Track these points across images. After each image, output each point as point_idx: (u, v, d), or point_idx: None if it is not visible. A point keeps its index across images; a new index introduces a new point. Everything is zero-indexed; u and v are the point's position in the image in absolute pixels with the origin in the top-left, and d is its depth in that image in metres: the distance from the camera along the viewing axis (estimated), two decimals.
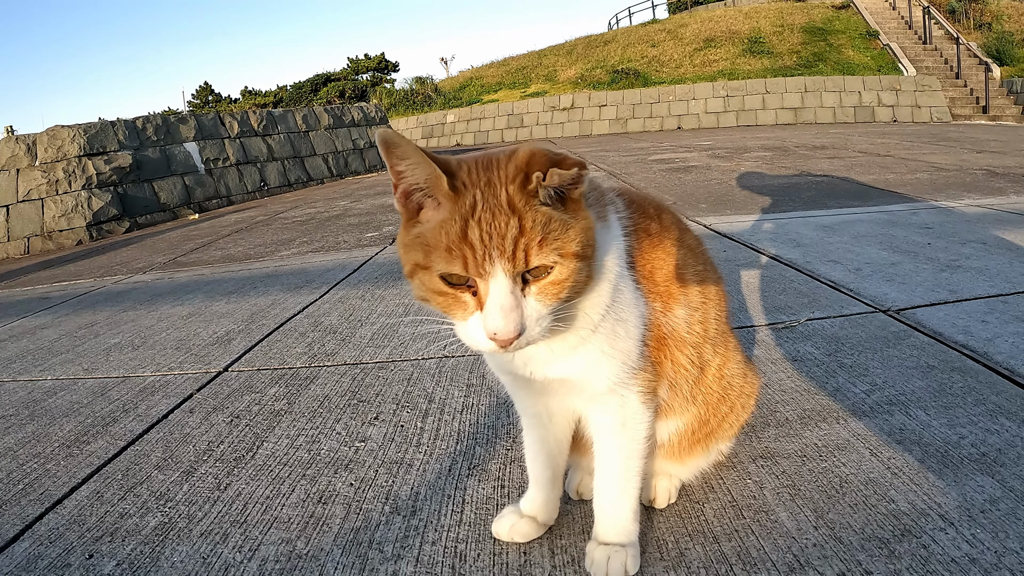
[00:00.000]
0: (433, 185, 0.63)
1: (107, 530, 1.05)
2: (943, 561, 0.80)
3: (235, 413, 1.47)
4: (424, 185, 0.64)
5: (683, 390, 0.84)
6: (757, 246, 2.63)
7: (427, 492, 1.05)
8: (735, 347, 0.91)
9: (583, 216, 0.66)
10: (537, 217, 0.62)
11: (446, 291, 0.64)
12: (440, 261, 0.62)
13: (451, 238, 0.61)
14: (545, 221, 0.62)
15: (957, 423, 1.13)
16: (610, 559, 0.79)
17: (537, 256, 0.62)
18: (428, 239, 0.63)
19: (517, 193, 0.62)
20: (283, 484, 1.13)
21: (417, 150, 0.62)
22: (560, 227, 0.63)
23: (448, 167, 0.64)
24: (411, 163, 0.63)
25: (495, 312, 0.62)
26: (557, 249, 0.62)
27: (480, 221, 0.61)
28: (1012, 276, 1.96)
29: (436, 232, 0.63)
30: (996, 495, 0.92)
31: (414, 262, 0.65)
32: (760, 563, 0.82)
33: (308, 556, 0.92)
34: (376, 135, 0.62)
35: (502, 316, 0.61)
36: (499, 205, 0.62)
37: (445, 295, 0.64)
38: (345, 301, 2.40)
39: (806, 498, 0.94)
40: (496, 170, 0.64)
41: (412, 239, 0.65)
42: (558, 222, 0.63)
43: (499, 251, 0.61)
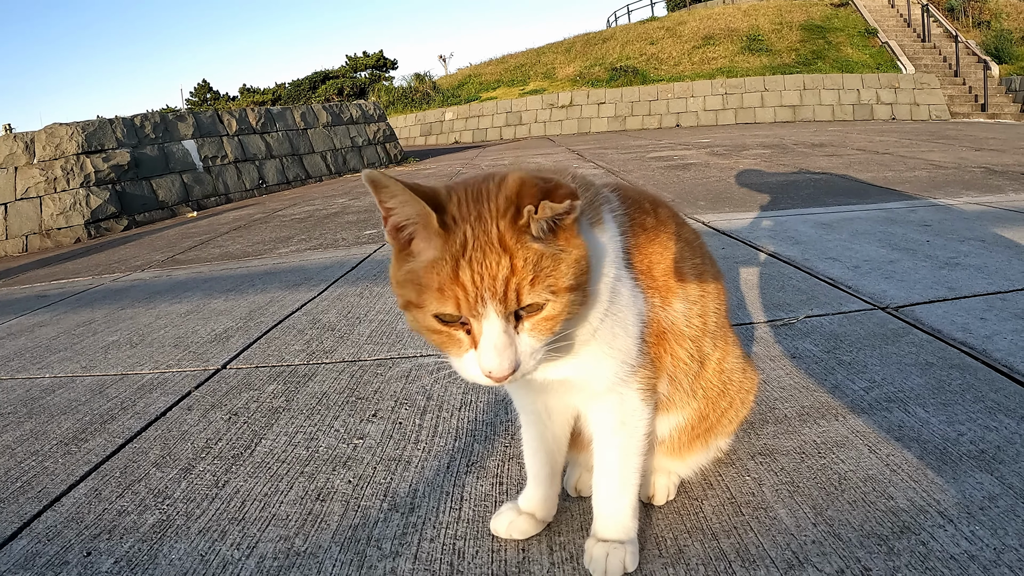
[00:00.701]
0: (422, 222, 0.63)
1: (105, 528, 1.04)
2: (942, 558, 0.80)
3: (233, 410, 1.47)
4: (414, 221, 0.64)
5: (683, 384, 0.83)
6: (756, 243, 2.63)
7: (425, 489, 1.05)
8: (734, 342, 0.91)
9: (575, 245, 0.65)
10: (528, 255, 0.62)
11: (440, 329, 0.64)
12: (433, 301, 0.62)
13: (442, 279, 0.61)
14: (536, 258, 0.62)
15: (956, 420, 1.13)
16: (609, 556, 0.79)
17: (529, 295, 0.62)
18: (420, 278, 0.63)
19: (508, 229, 0.62)
20: (281, 481, 1.12)
21: (404, 188, 0.61)
22: (552, 263, 0.63)
23: (437, 200, 0.63)
24: (400, 200, 0.63)
25: (489, 351, 0.62)
26: (550, 286, 0.62)
27: (471, 261, 0.61)
28: (1011, 273, 1.96)
29: (428, 271, 0.62)
30: (995, 492, 0.91)
31: (407, 299, 0.65)
32: (759, 560, 0.82)
33: (306, 553, 0.92)
34: (363, 176, 0.61)
35: (496, 355, 0.62)
36: (490, 243, 0.61)
37: (439, 333, 0.64)
38: (343, 298, 2.40)
39: (805, 495, 0.94)
40: (486, 202, 0.63)
41: (404, 276, 0.65)
42: (550, 258, 0.63)
43: (491, 292, 0.61)
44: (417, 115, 17.42)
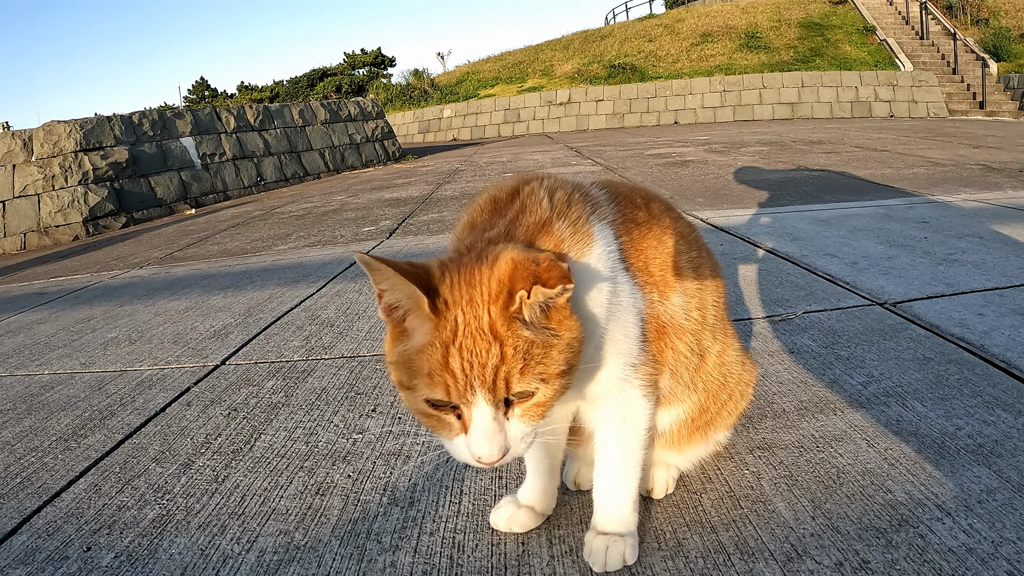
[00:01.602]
0: (414, 305, 0.63)
1: (105, 523, 1.05)
2: (940, 551, 0.80)
3: (233, 406, 1.47)
4: (405, 304, 0.64)
5: (683, 378, 0.84)
6: (754, 240, 2.63)
7: (425, 483, 1.05)
8: (733, 335, 0.91)
9: (567, 327, 0.64)
10: (519, 343, 0.61)
11: (431, 413, 0.64)
12: (423, 386, 0.63)
13: (432, 364, 0.61)
14: (527, 346, 0.62)
15: (954, 414, 1.13)
16: (608, 549, 0.79)
17: (519, 384, 0.62)
18: (411, 361, 0.63)
19: (499, 316, 0.61)
20: (281, 476, 1.13)
21: (395, 273, 0.61)
22: (543, 350, 0.62)
23: (430, 283, 0.63)
24: (391, 284, 0.63)
25: (479, 438, 0.63)
26: (540, 374, 0.62)
27: (461, 348, 0.61)
28: (1009, 270, 1.97)
29: (418, 355, 0.62)
30: (993, 485, 0.92)
31: (399, 379, 0.65)
32: (758, 553, 0.82)
33: (306, 547, 0.92)
34: (357, 260, 0.62)
35: (485, 442, 0.62)
36: (480, 329, 0.61)
37: (430, 416, 0.65)
38: (342, 295, 2.40)
39: (803, 488, 0.95)
40: (479, 285, 0.62)
41: (396, 356, 0.65)
42: (541, 345, 0.62)
43: (480, 380, 0.61)
44: (415, 112, 17.40)
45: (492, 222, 0.73)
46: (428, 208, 4.61)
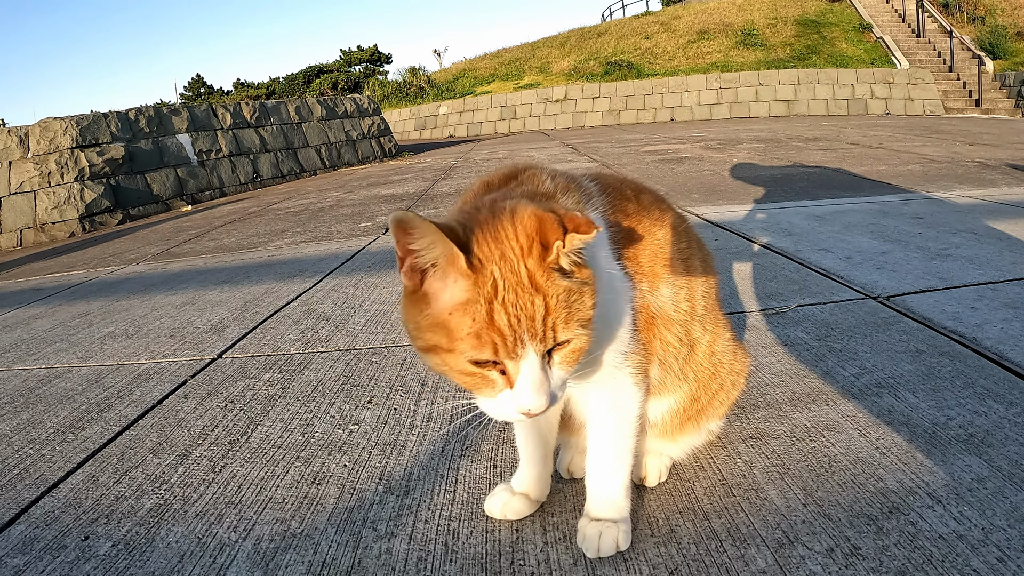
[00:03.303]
0: (447, 264, 0.61)
1: (103, 512, 1.05)
2: (931, 537, 0.81)
3: (229, 398, 1.48)
4: (440, 263, 0.62)
5: (673, 368, 0.85)
6: (749, 235, 2.64)
7: (420, 472, 1.06)
8: (725, 325, 0.92)
9: (588, 274, 0.65)
10: (559, 293, 0.62)
11: (473, 372, 0.63)
12: (468, 347, 0.61)
13: (479, 324, 0.60)
14: (567, 295, 0.62)
15: (945, 405, 1.14)
16: (602, 535, 0.80)
17: (563, 332, 0.62)
18: (449, 322, 0.61)
19: (537, 268, 0.61)
20: (277, 466, 1.13)
21: (436, 230, 0.59)
22: (579, 297, 0.63)
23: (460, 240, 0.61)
24: (428, 242, 0.61)
25: (528, 391, 0.62)
26: (579, 321, 0.63)
27: (505, 304, 0.60)
28: (1002, 264, 1.98)
29: (458, 315, 0.61)
30: (983, 474, 0.93)
31: (432, 343, 0.63)
32: (750, 539, 0.83)
33: (302, 535, 0.92)
34: (392, 219, 0.59)
35: (535, 393, 0.62)
36: (521, 284, 0.61)
37: (472, 375, 0.63)
38: (338, 289, 2.40)
39: (795, 477, 0.96)
40: (507, 240, 0.62)
41: (429, 321, 0.62)
42: (576, 292, 0.63)
43: (530, 334, 0.61)
44: (411, 109, 17.37)
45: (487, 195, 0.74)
46: (424, 204, 4.61)
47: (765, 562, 0.79)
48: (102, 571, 0.90)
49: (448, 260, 0.61)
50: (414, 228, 0.60)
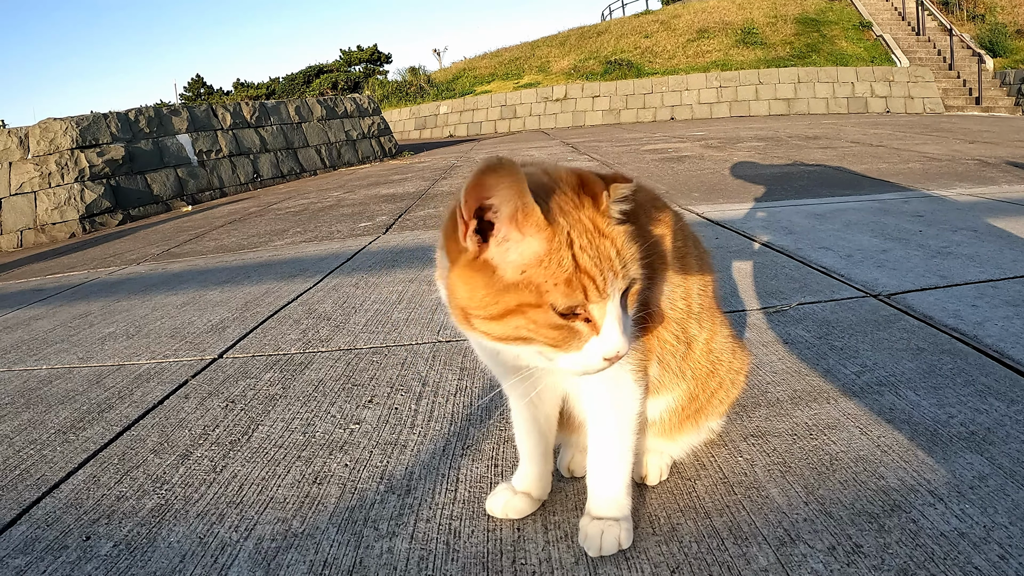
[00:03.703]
0: (525, 216, 0.61)
1: (104, 513, 1.05)
2: (932, 535, 0.81)
3: (230, 398, 1.48)
4: (516, 215, 0.61)
5: (671, 366, 0.85)
6: (749, 233, 2.64)
7: (421, 471, 1.06)
8: (723, 322, 0.92)
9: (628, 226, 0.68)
10: (619, 235, 0.65)
11: (561, 325, 0.62)
12: (559, 295, 0.61)
13: (567, 270, 0.61)
14: (624, 238, 0.66)
15: (946, 403, 1.14)
16: (604, 533, 0.80)
17: (633, 270, 0.65)
18: (535, 278, 0.61)
19: (596, 216, 0.64)
20: (279, 466, 1.13)
21: (523, 178, 0.59)
22: (632, 242, 0.67)
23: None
24: (513, 193, 0.60)
25: (614, 333, 0.63)
26: (638, 262, 0.67)
27: (584, 248, 0.62)
28: (1002, 262, 1.98)
29: (544, 268, 0.61)
30: (985, 472, 0.93)
31: (516, 304, 0.62)
32: (751, 537, 0.83)
33: (304, 534, 0.92)
34: (485, 162, 0.58)
35: (621, 334, 0.64)
36: (588, 230, 0.63)
37: (560, 329, 0.63)
38: (339, 289, 2.40)
39: (796, 475, 0.95)
40: (559, 196, 0.64)
41: (504, 283, 0.62)
42: (628, 235, 0.66)
43: (613, 274, 0.63)
44: (412, 109, 17.36)
45: None
46: (424, 203, 4.61)
47: (767, 560, 0.79)
48: (103, 571, 0.90)
49: (526, 213, 0.61)
50: (505, 175, 0.59)
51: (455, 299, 0.65)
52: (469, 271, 0.63)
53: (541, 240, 0.61)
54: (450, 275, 0.65)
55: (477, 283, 0.63)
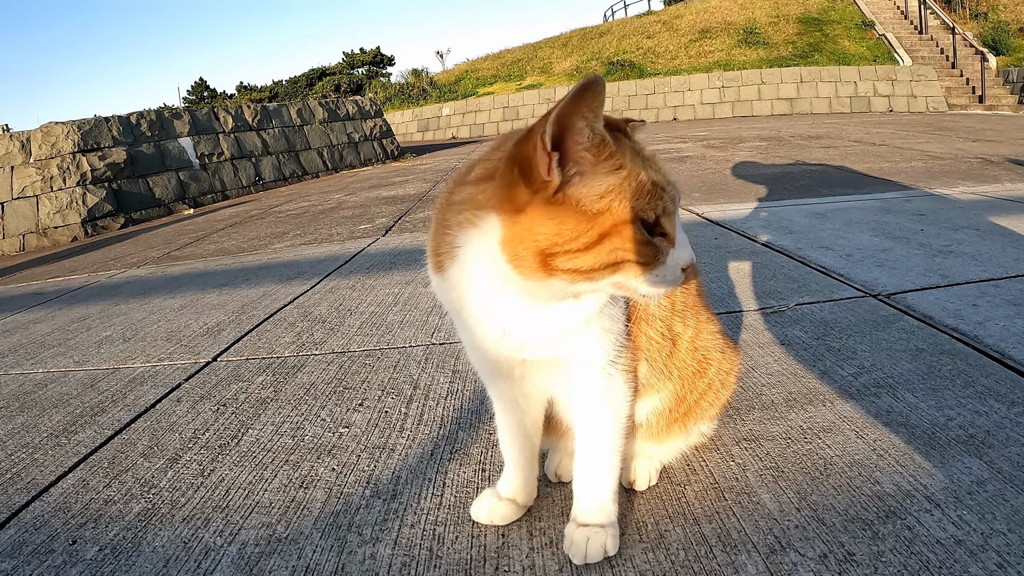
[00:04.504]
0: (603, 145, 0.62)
1: (91, 517, 1.05)
2: (928, 543, 0.79)
3: (222, 401, 1.47)
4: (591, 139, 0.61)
5: (657, 364, 0.83)
6: (748, 233, 2.62)
7: (408, 476, 1.05)
8: (709, 319, 0.90)
9: None
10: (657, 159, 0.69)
11: (649, 240, 0.63)
12: (648, 207, 0.63)
13: (644, 185, 0.63)
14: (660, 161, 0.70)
15: (945, 405, 1.12)
16: (589, 540, 0.78)
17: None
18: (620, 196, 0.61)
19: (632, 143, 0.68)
20: (266, 470, 1.12)
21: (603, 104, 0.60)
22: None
23: None
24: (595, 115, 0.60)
25: (687, 243, 0.67)
26: None
27: (646, 167, 0.64)
28: (1004, 261, 1.95)
29: (626, 185, 0.62)
30: (984, 477, 0.91)
31: (611, 223, 0.61)
32: (740, 544, 0.81)
33: (287, 540, 0.91)
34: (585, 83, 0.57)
35: (689, 245, 0.67)
36: (635, 152, 0.66)
37: (648, 244, 0.63)
38: (336, 291, 2.39)
39: (789, 480, 0.94)
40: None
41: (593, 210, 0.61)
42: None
43: (671, 185, 0.66)
44: (414, 111, 17.38)
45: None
46: (425, 205, 4.60)
47: (756, 568, 0.77)
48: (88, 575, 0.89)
49: (604, 142, 0.62)
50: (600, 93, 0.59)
51: (534, 243, 0.62)
52: (552, 207, 0.61)
53: (617, 164, 0.62)
54: (520, 219, 0.62)
55: (564, 216, 0.61)
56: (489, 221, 0.65)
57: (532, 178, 0.61)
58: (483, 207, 0.65)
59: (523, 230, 0.62)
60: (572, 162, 0.61)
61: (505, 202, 0.63)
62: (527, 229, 0.62)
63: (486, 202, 0.65)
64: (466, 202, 0.67)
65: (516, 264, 0.63)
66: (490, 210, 0.64)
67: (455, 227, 0.68)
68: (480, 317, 0.71)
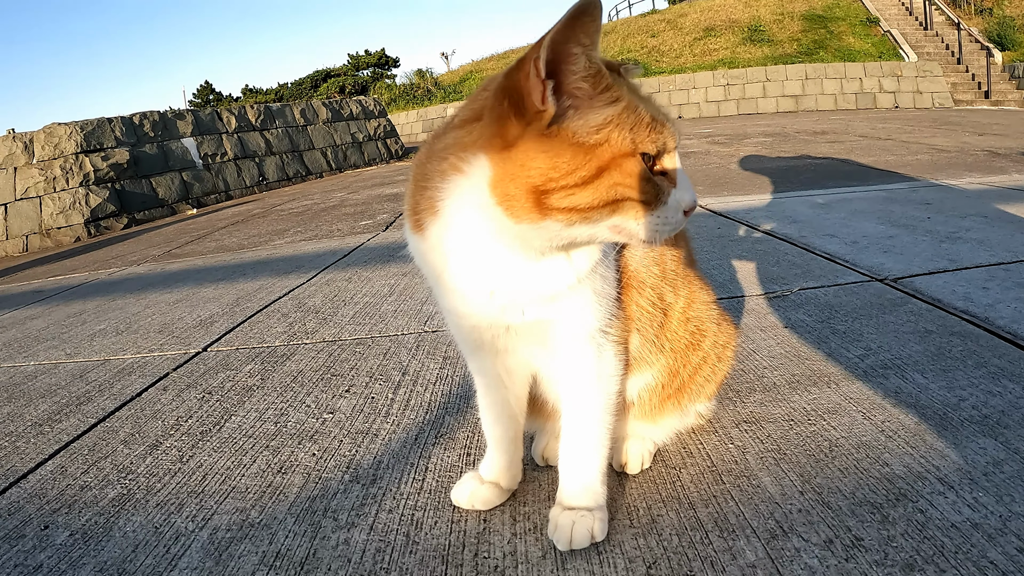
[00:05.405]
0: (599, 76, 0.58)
1: (66, 502, 1.02)
2: (942, 526, 0.73)
3: (208, 389, 1.43)
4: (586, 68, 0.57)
5: (648, 336, 0.78)
6: (751, 223, 2.56)
7: (390, 461, 1.00)
8: (701, 288, 0.85)
9: None
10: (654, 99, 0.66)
11: (650, 177, 0.59)
12: (648, 140, 0.59)
13: (644, 118, 0.59)
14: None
15: (957, 386, 1.07)
16: (575, 525, 0.73)
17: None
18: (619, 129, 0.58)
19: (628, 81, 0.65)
20: (245, 455, 1.08)
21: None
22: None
23: None
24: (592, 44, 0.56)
25: (687, 182, 0.62)
26: None
27: (642, 101, 0.61)
28: (1013, 246, 1.89)
29: (625, 118, 0.58)
30: (1000, 457, 0.85)
31: (610, 156, 0.57)
32: (739, 529, 0.76)
33: (260, 525, 0.87)
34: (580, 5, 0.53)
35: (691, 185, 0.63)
36: (632, 88, 0.62)
37: (649, 181, 0.59)
38: (332, 283, 2.36)
39: (792, 463, 0.88)
40: None
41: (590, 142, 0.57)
42: None
43: (670, 123, 0.62)
44: (419, 112, 17.39)
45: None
46: None
47: (755, 555, 0.72)
48: (56, 560, 0.87)
49: (600, 72, 0.58)
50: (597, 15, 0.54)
51: (527, 180, 0.57)
52: (546, 140, 0.57)
53: (614, 96, 0.59)
54: (511, 155, 0.57)
55: (560, 148, 0.57)
56: (477, 163, 0.60)
57: (524, 109, 0.56)
58: (469, 148, 0.60)
59: (515, 166, 0.57)
60: (567, 94, 0.57)
61: (495, 137, 0.58)
62: (519, 165, 0.57)
63: (473, 143, 0.60)
64: (451, 147, 0.62)
65: (508, 206, 0.58)
66: (478, 150, 0.59)
67: (437, 177, 0.63)
68: (465, 277, 0.66)
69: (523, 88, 0.56)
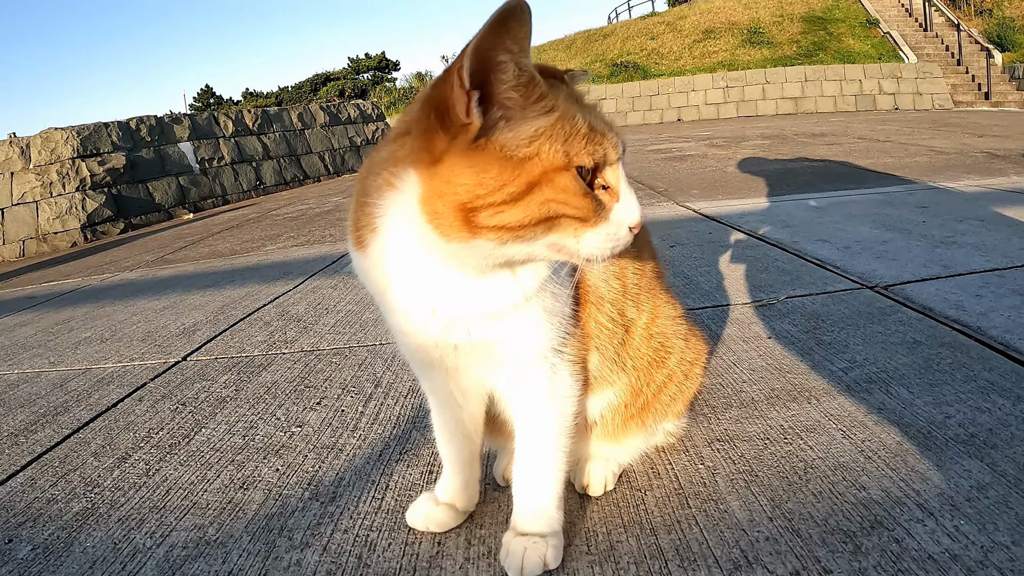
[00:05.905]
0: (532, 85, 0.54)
1: (32, 516, 1.01)
2: (918, 558, 0.69)
3: (183, 400, 1.41)
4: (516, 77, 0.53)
5: (609, 353, 0.75)
6: (744, 228, 2.53)
7: (352, 478, 0.98)
8: (667, 302, 0.82)
9: None
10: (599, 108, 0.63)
11: (587, 192, 0.55)
12: (583, 153, 0.55)
13: (580, 128, 0.55)
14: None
15: (943, 401, 1.03)
16: (527, 551, 0.70)
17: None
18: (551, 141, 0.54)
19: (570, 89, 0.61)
20: (210, 470, 1.06)
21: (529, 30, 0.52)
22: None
23: None
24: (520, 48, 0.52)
25: (632, 197, 0.58)
26: None
27: (579, 112, 0.57)
28: (1009, 251, 1.86)
29: (558, 129, 0.54)
30: (985, 481, 0.81)
31: (540, 170, 0.53)
32: (700, 559, 0.72)
33: (216, 543, 0.85)
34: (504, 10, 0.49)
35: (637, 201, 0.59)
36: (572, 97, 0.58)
37: (587, 197, 0.55)
38: (317, 291, 2.34)
39: (763, 485, 0.85)
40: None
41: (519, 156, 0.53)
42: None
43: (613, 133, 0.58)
44: None
45: None
46: None
47: None
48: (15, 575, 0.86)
49: (533, 81, 0.54)
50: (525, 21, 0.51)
51: (453, 196, 0.54)
52: (472, 153, 0.53)
53: (548, 106, 0.55)
54: (438, 170, 0.54)
55: (487, 163, 0.53)
56: (408, 179, 0.57)
57: (449, 121, 0.53)
58: (401, 163, 0.57)
59: (441, 183, 0.54)
60: (496, 104, 0.54)
61: (423, 152, 0.55)
62: (445, 181, 0.54)
63: (405, 158, 0.57)
64: (385, 161, 0.59)
65: (436, 223, 0.55)
66: (408, 165, 0.56)
67: (374, 193, 0.60)
68: (406, 295, 0.63)
69: (448, 100, 0.53)
